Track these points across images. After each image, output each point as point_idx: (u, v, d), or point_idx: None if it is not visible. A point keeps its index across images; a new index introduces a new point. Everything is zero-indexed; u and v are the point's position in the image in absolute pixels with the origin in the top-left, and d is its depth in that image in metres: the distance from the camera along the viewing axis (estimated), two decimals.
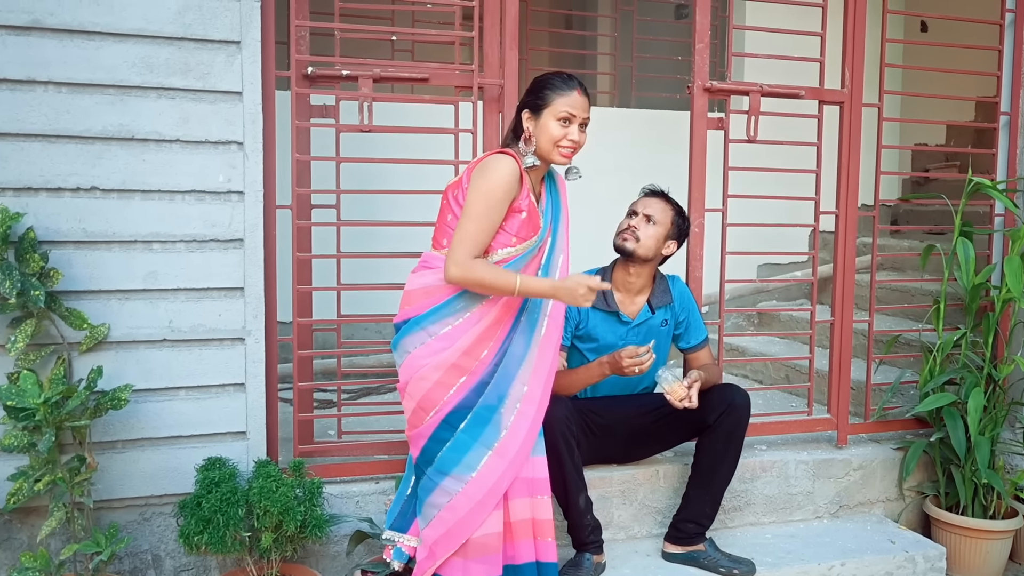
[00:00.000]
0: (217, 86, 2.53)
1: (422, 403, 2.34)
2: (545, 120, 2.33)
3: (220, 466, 2.50)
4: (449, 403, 2.34)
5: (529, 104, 2.37)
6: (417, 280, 2.39)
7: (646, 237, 2.78)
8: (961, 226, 3.25)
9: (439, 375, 2.32)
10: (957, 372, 3.25)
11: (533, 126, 2.36)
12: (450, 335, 2.33)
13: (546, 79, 2.38)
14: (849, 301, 3.30)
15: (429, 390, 2.33)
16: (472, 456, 2.34)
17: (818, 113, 3.25)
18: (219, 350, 2.61)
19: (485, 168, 2.30)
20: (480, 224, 2.26)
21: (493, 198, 2.27)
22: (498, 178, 2.27)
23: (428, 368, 2.32)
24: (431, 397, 2.33)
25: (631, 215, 2.85)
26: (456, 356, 2.33)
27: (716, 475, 2.85)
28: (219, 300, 2.60)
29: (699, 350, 2.96)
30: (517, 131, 2.41)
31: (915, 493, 3.41)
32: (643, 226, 2.79)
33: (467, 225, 2.26)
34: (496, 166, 2.29)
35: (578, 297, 2.28)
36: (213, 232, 2.57)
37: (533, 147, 2.36)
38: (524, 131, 2.37)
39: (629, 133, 4.75)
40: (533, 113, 2.36)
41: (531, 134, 2.36)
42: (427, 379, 2.33)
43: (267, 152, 2.65)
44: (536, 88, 2.37)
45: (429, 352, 2.33)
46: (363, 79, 2.78)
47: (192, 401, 2.60)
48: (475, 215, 2.26)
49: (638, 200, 2.88)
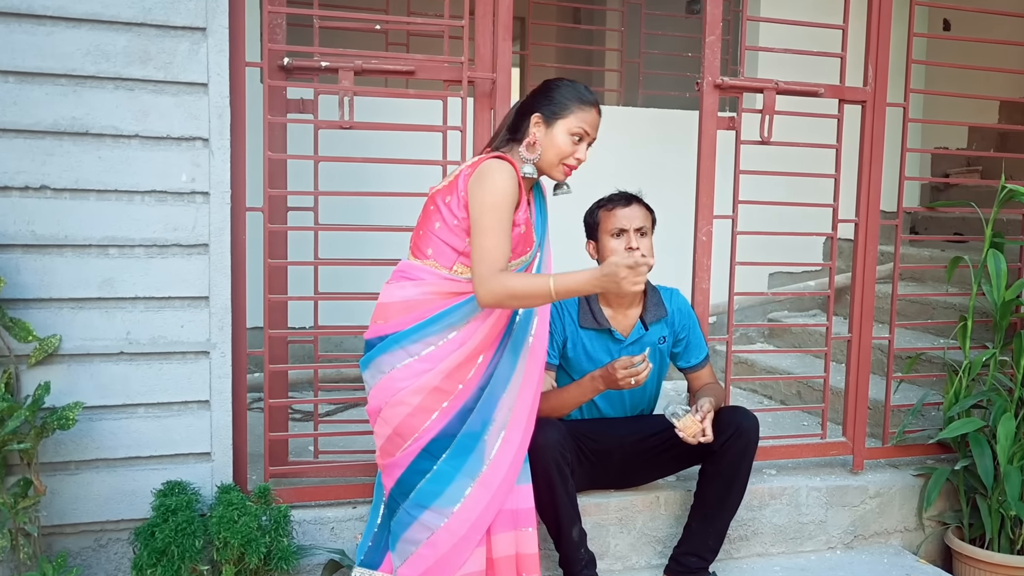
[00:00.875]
0: (180, 77, 2.32)
1: (399, 430, 2.13)
2: (557, 131, 2.15)
3: (179, 491, 2.30)
4: (430, 430, 2.12)
5: (543, 110, 2.16)
6: (396, 293, 2.17)
7: (648, 251, 2.57)
8: (992, 236, 3.01)
9: (419, 399, 2.11)
10: (985, 394, 3.01)
11: (542, 134, 2.16)
12: (433, 356, 2.12)
13: (567, 87, 2.18)
14: (868, 316, 3.07)
15: (408, 416, 2.11)
16: (454, 488, 2.13)
17: (838, 113, 3.01)
18: (181, 364, 2.40)
19: (484, 177, 2.08)
20: (497, 236, 2.05)
21: (502, 208, 2.06)
22: (501, 186, 2.07)
23: (407, 392, 2.11)
24: (410, 424, 2.12)
25: (619, 234, 2.56)
26: (439, 379, 2.11)
27: (722, 506, 2.63)
28: (182, 310, 2.39)
29: (700, 369, 2.74)
30: (513, 132, 2.19)
31: (936, 523, 3.18)
32: (640, 242, 2.56)
33: (482, 241, 2.04)
34: (497, 174, 2.08)
35: (622, 282, 1.96)
36: (175, 236, 2.37)
37: (536, 156, 2.16)
38: (528, 136, 2.16)
39: (634, 133, 4.52)
40: (545, 120, 2.16)
41: (536, 141, 2.16)
42: (406, 404, 2.11)
43: (236, 150, 2.44)
44: (554, 94, 2.17)
45: (409, 374, 2.11)
46: (344, 71, 2.56)
47: (152, 419, 2.40)
48: (487, 228, 2.04)
49: (615, 213, 2.58)
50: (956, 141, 5.64)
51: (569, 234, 2.76)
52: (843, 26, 2.98)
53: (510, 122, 2.24)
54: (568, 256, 2.59)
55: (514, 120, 2.20)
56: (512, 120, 2.23)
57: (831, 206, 3.04)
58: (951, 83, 4.65)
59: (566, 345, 2.64)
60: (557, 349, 2.64)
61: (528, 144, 2.17)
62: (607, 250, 2.57)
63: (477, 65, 2.68)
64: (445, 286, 2.13)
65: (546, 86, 2.21)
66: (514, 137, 2.20)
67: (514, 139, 2.20)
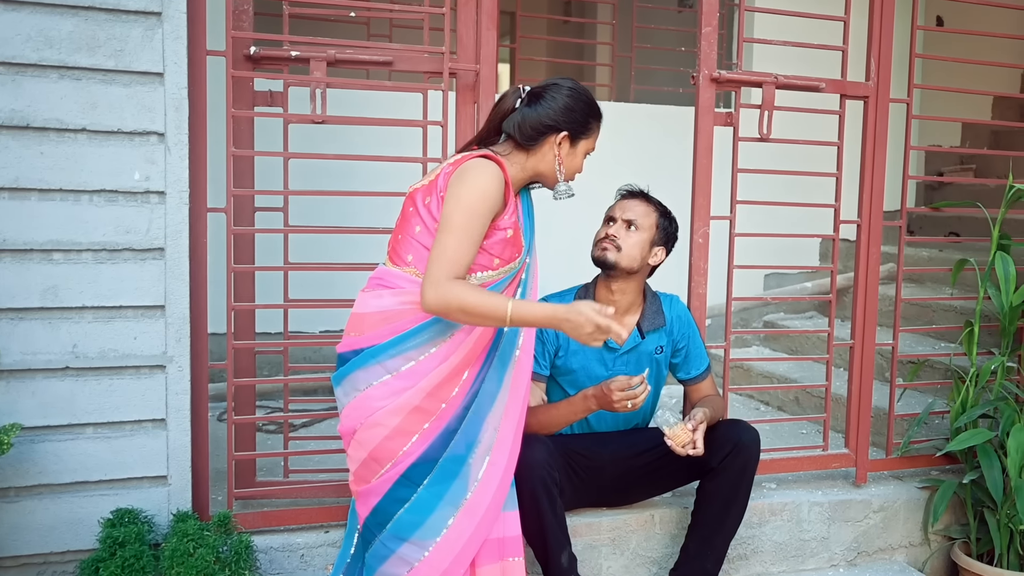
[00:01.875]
0: (132, 66, 2.12)
1: (376, 454, 1.94)
2: (579, 151, 2.05)
3: (129, 520, 2.10)
4: (410, 455, 1.93)
5: (572, 128, 2.00)
6: (372, 302, 1.97)
7: (629, 246, 2.39)
8: (999, 238, 2.85)
9: (398, 421, 1.92)
10: (992, 403, 2.85)
11: (564, 152, 2.01)
12: (413, 372, 1.92)
13: (593, 106, 2.04)
14: (872, 321, 2.91)
15: (385, 439, 1.92)
16: (436, 518, 1.94)
17: (840, 109, 2.85)
18: (135, 380, 2.20)
19: (465, 174, 1.90)
20: (461, 239, 1.86)
21: (476, 210, 1.87)
22: (482, 187, 1.88)
23: (385, 412, 1.91)
24: (388, 448, 1.93)
25: (608, 222, 2.46)
26: (420, 398, 1.92)
27: (720, 526, 2.46)
28: (135, 320, 2.19)
29: (701, 381, 2.57)
30: (529, 141, 2.00)
31: (941, 538, 3.03)
32: (624, 233, 2.40)
33: (446, 240, 1.85)
34: (479, 173, 1.89)
35: (584, 336, 1.86)
36: (128, 240, 2.16)
37: (564, 175, 2.04)
38: (555, 156, 2.00)
39: (626, 130, 4.33)
40: (572, 140, 2.01)
41: (563, 161, 2.01)
42: (383, 425, 1.92)
43: (195, 145, 2.24)
44: (583, 115, 2.02)
45: (387, 392, 1.92)
46: (315, 62, 2.37)
47: (101, 440, 2.19)
48: (455, 228, 1.85)
49: (615, 204, 2.49)
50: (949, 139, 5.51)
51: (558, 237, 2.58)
52: (844, 18, 2.82)
53: (492, 120, 2.05)
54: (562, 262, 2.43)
55: (529, 131, 1.98)
56: (494, 118, 2.04)
57: (833, 206, 2.88)
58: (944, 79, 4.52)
59: (557, 354, 2.47)
60: (548, 359, 2.46)
61: (559, 163, 2.02)
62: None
63: (460, 56, 2.49)
64: None
65: (573, 102, 2.00)
66: (521, 144, 2.00)
67: (520, 146, 2.01)
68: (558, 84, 2.02)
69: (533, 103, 1.99)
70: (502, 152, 2.00)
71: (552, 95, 2.00)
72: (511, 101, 2.02)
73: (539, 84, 2.04)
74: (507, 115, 2.02)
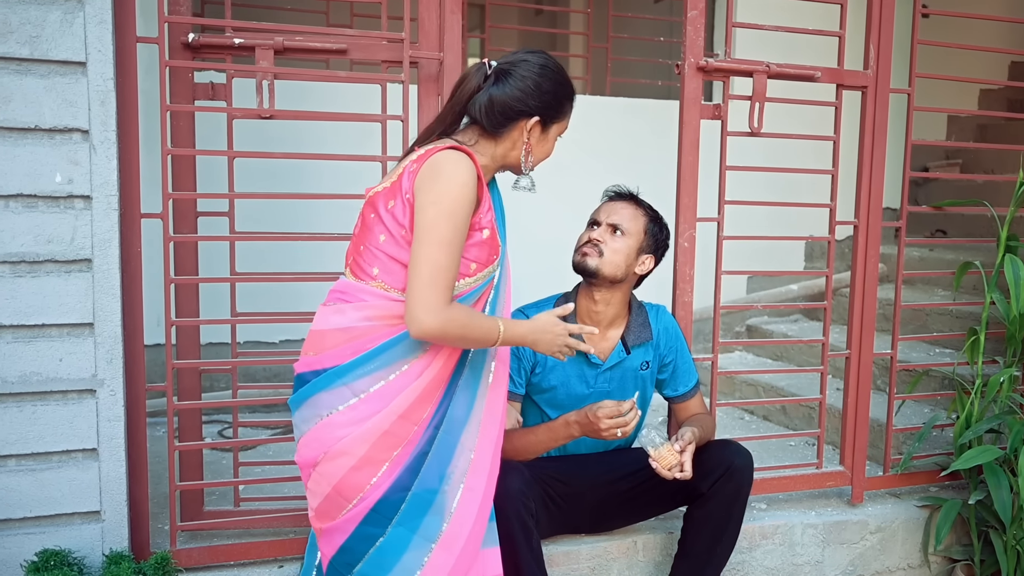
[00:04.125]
0: (50, 54, 1.88)
1: (341, 488, 1.70)
2: (551, 135, 1.86)
3: (56, 563, 1.88)
4: (379, 487, 1.71)
5: (544, 113, 1.79)
6: (334, 318, 1.74)
7: (612, 252, 2.19)
8: (1007, 239, 2.67)
9: (365, 449, 1.69)
10: (999, 418, 2.67)
11: (536, 139, 1.81)
12: (383, 394, 1.70)
13: (566, 85, 1.83)
14: (869, 328, 2.72)
15: (351, 470, 1.69)
16: (411, 556, 1.72)
17: (836, 100, 2.65)
18: (61, 406, 1.97)
19: (438, 172, 1.67)
20: (449, 252, 1.65)
21: (458, 214, 1.66)
22: (459, 186, 1.66)
23: (352, 440, 1.69)
24: (354, 481, 1.70)
25: (592, 226, 2.26)
26: (390, 422, 1.69)
27: (710, 556, 2.27)
28: (59, 340, 1.96)
29: (689, 399, 2.37)
30: (496, 128, 1.78)
31: (942, 559, 2.85)
32: (608, 238, 2.21)
33: (435, 255, 1.63)
34: (454, 169, 1.67)
35: (556, 352, 1.84)
36: (50, 250, 1.93)
37: (531, 164, 1.84)
38: (524, 143, 1.80)
39: (603, 125, 4.13)
40: (544, 124, 1.80)
41: (531, 148, 1.81)
42: (350, 454, 1.69)
43: (126, 144, 2.00)
44: (554, 97, 1.80)
45: (354, 418, 1.69)
46: (261, 50, 2.14)
47: (25, 473, 1.97)
48: (442, 239, 1.64)
49: (600, 206, 2.30)
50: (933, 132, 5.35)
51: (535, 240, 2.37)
52: (840, 0, 2.62)
53: (453, 107, 1.82)
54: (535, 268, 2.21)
55: (497, 115, 1.77)
56: (455, 104, 1.81)
57: (828, 206, 2.68)
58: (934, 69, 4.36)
59: (534, 370, 2.26)
60: (524, 376, 2.25)
61: (527, 151, 1.81)
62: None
63: (421, 43, 2.27)
64: (395, 309, 1.71)
65: (546, 82, 1.78)
66: (487, 131, 1.79)
67: (486, 132, 1.79)
68: (528, 60, 1.79)
69: (501, 82, 1.77)
70: (468, 141, 1.78)
71: (522, 73, 1.77)
72: (476, 80, 1.79)
73: (506, 59, 1.81)
74: (472, 96, 1.79)
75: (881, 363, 3.32)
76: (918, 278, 4.10)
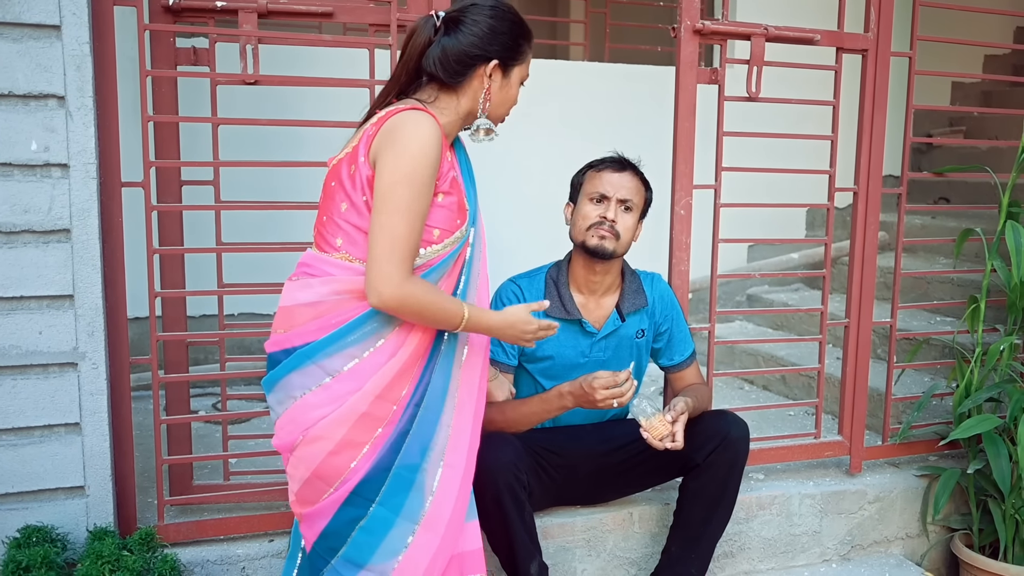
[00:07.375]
0: (22, 17, 1.83)
1: (321, 472, 1.66)
2: (513, 80, 1.77)
3: (39, 539, 1.85)
4: (360, 469, 1.65)
5: (502, 55, 1.70)
6: (300, 293, 1.68)
7: (626, 231, 2.15)
8: (1008, 206, 2.62)
9: (344, 432, 1.63)
10: (999, 386, 2.63)
11: (497, 85, 1.72)
12: (358, 372, 1.64)
13: (521, 24, 1.74)
14: (869, 297, 2.67)
15: (330, 454, 1.64)
16: (395, 537, 1.68)
17: (836, 64, 2.58)
18: (42, 379, 1.94)
19: (396, 134, 1.60)
20: (410, 219, 1.58)
21: (419, 178, 1.59)
22: (420, 146, 1.58)
23: (328, 423, 1.63)
24: (333, 464, 1.64)
25: (600, 201, 2.17)
26: (367, 403, 1.63)
27: (706, 528, 2.24)
28: (38, 312, 1.92)
29: (685, 368, 2.33)
30: (452, 77, 1.71)
31: (941, 528, 2.83)
32: (620, 216, 2.14)
33: (394, 223, 1.57)
34: (414, 130, 1.59)
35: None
36: (27, 220, 1.88)
37: (486, 112, 1.74)
38: (484, 88, 1.71)
39: (601, 92, 4.05)
40: (504, 68, 1.72)
41: (491, 95, 1.72)
42: (326, 438, 1.63)
43: (105, 110, 1.95)
44: (510, 36, 1.71)
45: (328, 398, 1.64)
46: (245, 13, 2.08)
47: (6, 448, 1.94)
48: (401, 206, 1.57)
49: (602, 176, 2.19)
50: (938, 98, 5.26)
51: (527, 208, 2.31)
52: None
53: (407, 63, 1.73)
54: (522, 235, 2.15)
55: (453, 65, 1.70)
56: (408, 59, 1.73)
57: (827, 172, 2.62)
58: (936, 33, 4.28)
59: None
60: (516, 347, 2.20)
61: (487, 97, 1.72)
62: (580, 216, 2.17)
63: (410, 6, 2.21)
64: (362, 282, 1.64)
65: (498, 23, 1.71)
66: (446, 84, 1.72)
67: (445, 86, 1.72)
68: (477, 4, 1.72)
69: (452, 31, 1.70)
70: (427, 99, 1.72)
71: (473, 18, 1.70)
72: (426, 33, 1.72)
73: (455, 6, 1.74)
74: (424, 51, 1.71)
75: (881, 332, 3.28)
76: (920, 246, 4.04)
